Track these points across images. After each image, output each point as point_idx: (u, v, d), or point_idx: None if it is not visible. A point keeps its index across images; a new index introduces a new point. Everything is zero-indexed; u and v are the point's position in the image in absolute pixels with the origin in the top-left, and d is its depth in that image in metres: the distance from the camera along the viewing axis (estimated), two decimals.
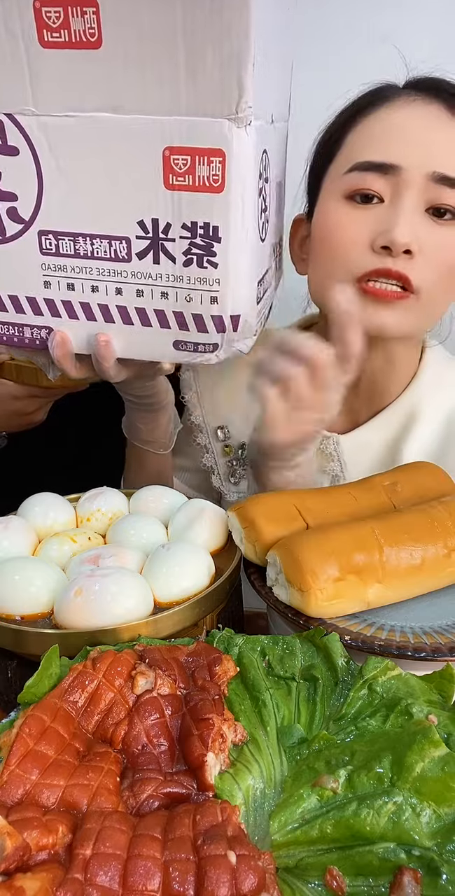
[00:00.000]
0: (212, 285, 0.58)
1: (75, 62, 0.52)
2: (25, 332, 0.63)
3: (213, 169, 0.53)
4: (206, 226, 0.55)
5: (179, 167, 0.54)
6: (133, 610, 0.50)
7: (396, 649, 0.47)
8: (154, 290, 0.59)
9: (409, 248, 0.64)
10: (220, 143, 0.52)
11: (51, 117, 0.55)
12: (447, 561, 0.53)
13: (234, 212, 0.55)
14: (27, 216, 0.59)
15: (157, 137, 0.53)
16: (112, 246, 0.58)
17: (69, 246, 0.59)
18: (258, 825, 0.37)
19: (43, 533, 0.63)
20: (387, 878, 0.32)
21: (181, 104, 0.52)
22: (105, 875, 0.31)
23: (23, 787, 0.35)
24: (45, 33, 0.52)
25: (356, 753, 0.38)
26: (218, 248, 0.56)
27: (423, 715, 0.40)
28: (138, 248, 0.58)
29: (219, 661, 0.45)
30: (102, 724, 0.41)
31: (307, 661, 0.46)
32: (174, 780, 0.38)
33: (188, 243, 0.57)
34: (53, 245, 0.59)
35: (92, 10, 0.50)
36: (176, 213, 0.56)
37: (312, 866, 0.33)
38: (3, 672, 0.52)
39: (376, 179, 0.65)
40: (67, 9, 0.51)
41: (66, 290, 0.60)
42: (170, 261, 0.58)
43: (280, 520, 0.57)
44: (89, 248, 0.58)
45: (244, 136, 0.52)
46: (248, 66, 0.50)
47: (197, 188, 0.54)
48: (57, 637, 0.48)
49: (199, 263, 0.57)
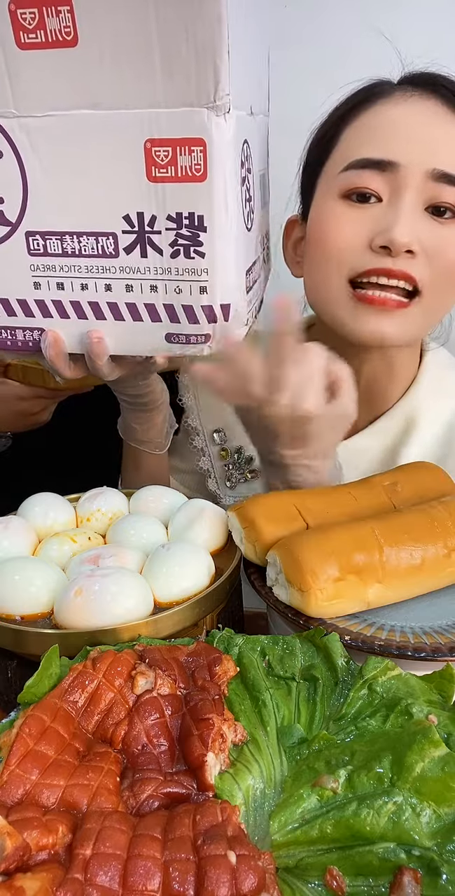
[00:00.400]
0: (200, 275, 0.58)
1: (53, 61, 0.53)
2: (18, 334, 0.63)
3: (195, 158, 0.53)
4: (192, 216, 0.55)
5: (161, 159, 0.54)
6: (133, 610, 0.50)
7: (396, 649, 0.47)
8: (143, 283, 0.59)
9: (410, 247, 0.62)
10: (200, 132, 0.52)
11: (32, 118, 0.55)
12: (447, 561, 0.53)
13: (218, 199, 0.55)
14: (13, 218, 0.59)
15: (137, 131, 0.54)
16: (99, 242, 0.58)
17: (57, 245, 0.59)
18: (258, 825, 0.37)
19: (43, 533, 0.63)
20: (387, 878, 0.32)
21: (159, 96, 0.52)
22: (105, 875, 0.31)
23: (23, 787, 0.35)
24: (22, 35, 0.52)
25: (356, 753, 0.38)
26: (204, 237, 0.56)
27: (423, 715, 0.40)
28: (125, 243, 0.58)
29: (219, 661, 0.45)
30: (102, 724, 0.41)
31: (307, 661, 0.46)
32: (174, 780, 0.38)
33: (174, 234, 0.57)
34: (41, 245, 0.59)
35: (66, 9, 0.50)
36: (160, 204, 0.56)
37: (312, 866, 0.33)
38: (3, 672, 0.52)
39: (374, 177, 0.64)
40: (42, 9, 0.51)
41: (56, 289, 0.60)
42: (157, 253, 0.58)
43: (280, 520, 0.57)
44: (77, 246, 0.59)
45: (223, 124, 0.52)
46: (223, 53, 0.50)
47: (180, 178, 0.54)
48: (57, 637, 0.48)
49: (186, 254, 0.57)
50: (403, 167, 0.63)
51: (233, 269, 0.59)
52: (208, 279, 0.58)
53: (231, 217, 0.57)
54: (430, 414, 0.78)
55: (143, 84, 0.52)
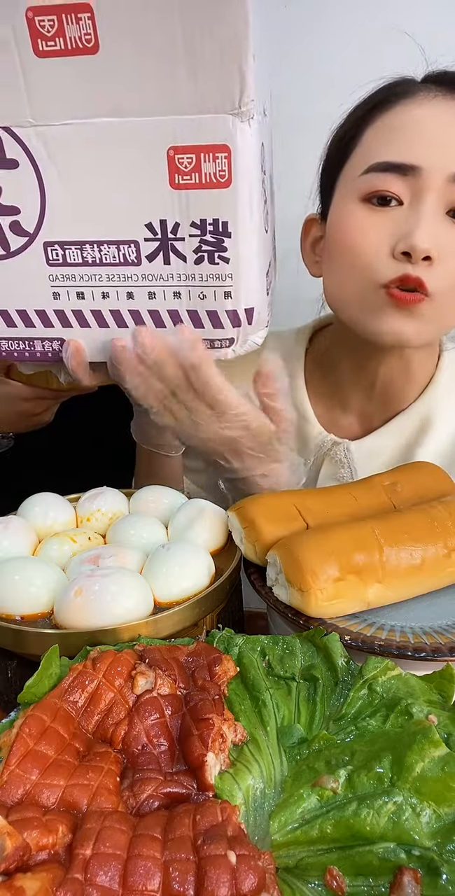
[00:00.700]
0: (224, 280, 0.57)
1: (72, 69, 0.51)
2: (37, 345, 0.63)
3: (219, 165, 0.53)
4: (216, 222, 0.55)
5: (185, 166, 0.53)
6: (133, 610, 0.50)
7: (396, 649, 0.47)
8: (166, 290, 0.59)
9: (429, 254, 0.62)
10: (226, 139, 0.52)
11: (49, 126, 0.54)
12: (447, 561, 0.53)
13: (243, 205, 0.55)
14: (31, 229, 0.58)
15: (160, 138, 0.53)
16: (120, 250, 0.58)
17: (76, 255, 0.58)
18: (258, 825, 0.37)
19: (43, 533, 0.63)
20: (387, 878, 0.32)
21: (183, 102, 0.51)
22: (105, 875, 0.31)
23: (23, 787, 0.35)
24: (40, 42, 0.51)
25: (356, 753, 0.38)
26: (228, 242, 0.56)
27: (423, 715, 0.40)
28: (148, 251, 0.57)
29: (219, 661, 0.45)
30: (102, 724, 0.41)
31: (307, 661, 0.46)
32: (174, 780, 0.38)
33: (198, 241, 0.56)
34: (60, 255, 0.58)
35: (87, 16, 0.49)
36: (183, 211, 0.55)
37: (312, 866, 0.33)
38: (3, 672, 0.52)
39: (395, 181, 0.63)
40: (62, 16, 0.50)
41: (75, 299, 0.60)
42: (180, 260, 0.57)
43: (280, 520, 0.57)
44: (97, 255, 0.58)
45: (247, 130, 0.52)
46: (249, 57, 0.49)
47: (204, 185, 0.54)
48: (57, 637, 0.48)
49: (210, 260, 0.57)
50: (425, 171, 0.62)
51: (256, 272, 0.59)
52: (233, 284, 0.58)
53: (254, 222, 0.56)
54: (446, 413, 0.77)
55: (166, 91, 0.51)
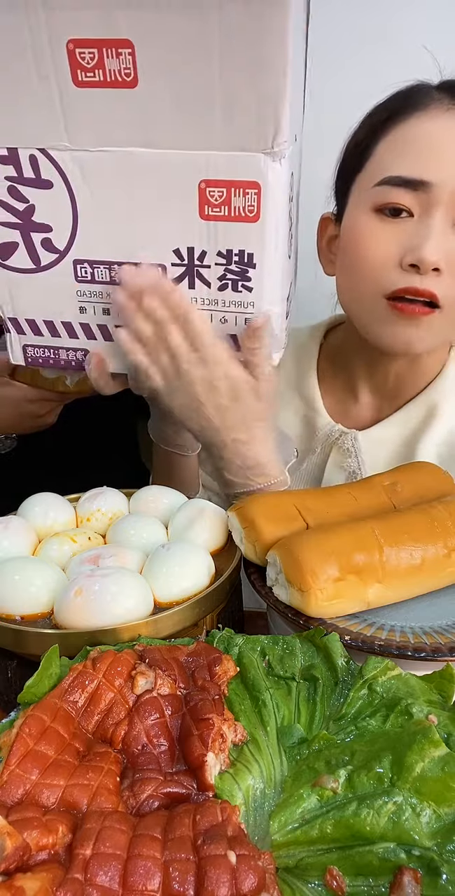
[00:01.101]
0: (246, 308, 0.60)
1: (110, 100, 0.53)
2: (61, 354, 0.66)
3: (249, 200, 0.55)
4: (242, 253, 0.57)
5: (215, 199, 0.56)
6: (133, 610, 0.50)
7: (396, 649, 0.47)
8: None
9: (438, 265, 0.64)
10: (256, 177, 0.54)
11: (85, 152, 0.56)
12: (447, 561, 0.53)
13: (269, 239, 0.57)
14: (62, 246, 0.60)
15: (192, 171, 0.55)
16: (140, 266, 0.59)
17: (104, 273, 0.60)
18: (258, 825, 0.37)
19: (43, 533, 0.63)
20: (387, 878, 0.32)
21: (217, 139, 0.53)
22: (105, 875, 0.31)
23: (23, 787, 0.35)
24: (79, 73, 0.53)
25: (356, 753, 0.38)
26: (252, 273, 0.58)
27: (423, 715, 0.40)
28: (174, 275, 0.60)
29: (219, 661, 0.45)
30: (102, 724, 0.41)
31: (307, 661, 0.46)
32: (174, 780, 0.38)
33: (223, 269, 0.59)
34: (89, 273, 0.61)
35: (128, 52, 0.51)
36: (211, 241, 0.57)
37: (312, 866, 0.33)
38: (3, 672, 0.52)
39: (406, 195, 0.65)
40: (102, 50, 0.51)
41: (101, 314, 0.62)
42: (205, 286, 0.60)
43: (280, 520, 0.57)
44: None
45: (279, 169, 0.54)
46: (285, 103, 0.51)
47: (232, 218, 0.56)
48: (57, 637, 0.48)
49: (233, 288, 0.59)
50: (435, 186, 0.64)
51: (277, 300, 0.61)
52: (254, 311, 0.60)
53: (279, 253, 0.59)
54: (451, 404, 0.79)
55: (201, 127, 0.53)
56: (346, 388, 0.84)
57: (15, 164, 0.58)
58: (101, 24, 0.51)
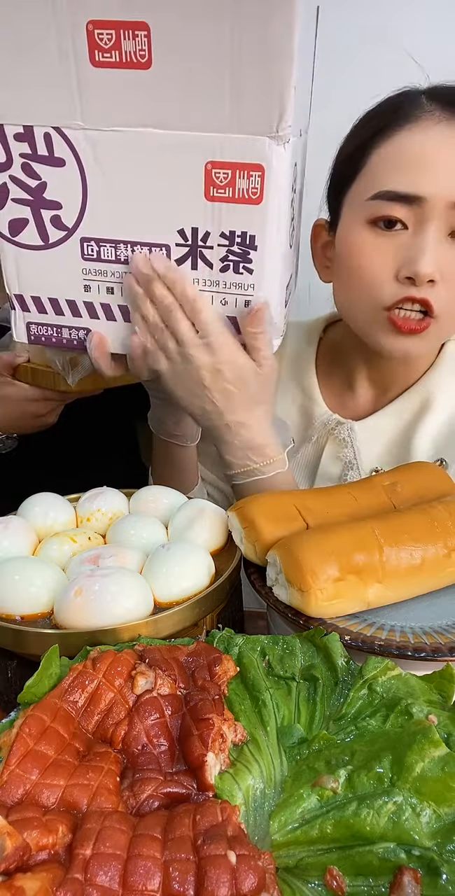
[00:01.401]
0: (246, 290, 0.61)
1: (124, 81, 0.55)
2: (64, 332, 0.67)
3: (253, 182, 0.56)
4: (244, 235, 0.59)
5: (220, 180, 0.57)
6: (133, 610, 0.50)
7: (396, 649, 0.47)
8: None
9: (433, 277, 0.65)
10: (261, 159, 0.55)
11: (98, 131, 0.57)
12: (447, 561, 0.53)
13: (271, 222, 0.58)
14: (70, 224, 0.62)
15: (199, 152, 0.56)
16: (152, 252, 0.61)
17: (110, 252, 0.62)
18: (258, 825, 0.37)
19: (43, 533, 0.63)
20: (387, 878, 0.32)
21: (224, 122, 0.55)
22: (105, 875, 0.31)
23: (23, 787, 0.35)
24: (97, 53, 0.54)
25: (356, 753, 0.38)
26: (254, 255, 0.60)
27: (423, 715, 0.40)
28: (177, 255, 0.61)
29: (219, 661, 0.45)
30: (102, 724, 0.41)
31: (307, 661, 0.46)
32: (174, 780, 0.38)
33: (226, 251, 0.60)
34: (95, 251, 0.62)
35: (143, 34, 0.53)
36: (215, 222, 0.59)
37: (312, 866, 0.33)
38: (3, 672, 0.52)
39: (400, 208, 0.66)
40: (120, 31, 0.53)
41: (105, 293, 0.64)
42: (207, 266, 0.61)
43: (280, 520, 0.57)
44: (130, 255, 0.61)
45: (282, 153, 0.55)
46: (290, 88, 0.53)
47: (236, 200, 0.57)
48: (57, 637, 0.48)
49: (235, 269, 0.60)
50: (429, 200, 0.64)
51: (276, 285, 0.62)
52: (253, 294, 0.61)
53: (280, 238, 0.60)
54: (446, 395, 0.81)
55: (210, 109, 0.54)
56: (344, 381, 0.85)
57: (30, 142, 0.59)
58: (120, 5, 0.52)
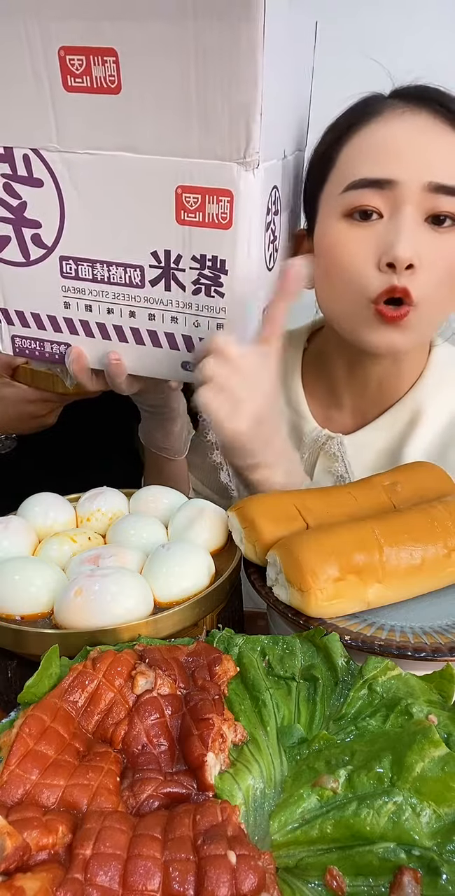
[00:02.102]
0: (218, 313, 0.62)
1: (96, 105, 0.56)
2: (46, 346, 0.69)
3: (222, 207, 0.57)
4: (215, 258, 0.59)
5: (190, 204, 0.58)
6: (133, 610, 0.50)
7: (396, 649, 0.47)
8: (165, 314, 0.63)
9: (412, 262, 0.64)
10: (229, 185, 0.56)
11: (73, 154, 0.59)
12: (447, 561, 0.53)
13: (241, 247, 0.59)
14: (50, 242, 0.63)
15: (170, 176, 0.57)
16: (127, 273, 0.62)
17: (88, 271, 0.63)
18: (258, 825, 0.37)
19: (43, 533, 0.63)
20: (387, 878, 0.32)
21: (193, 147, 0.56)
22: (105, 875, 0.31)
23: (23, 787, 0.35)
24: (69, 78, 0.56)
25: (356, 753, 0.38)
26: (224, 279, 0.60)
27: (423, 715, 0.40)
28: (151, 276, 0.62)
29: (219, 661, 0.45)
30: (102, 724, 0.41)
31: (307, 661, 0.46)
32: (174, 780, 0.38)
33: (197, 273, 0.61)
34: (73, 270, 0.64)
35: (112, 60, 0.54)
36: (187, 245, 0.60)
37: (312, 866, 0.33)
38: (3, 672, 0.52)
39: (374, 195, 0.66)
40: (89, 57, 0.55)
41: (84, 310, 0.65)
42: (180, 288, 0.62)
43: (280, 520, 0.57)
44: (106, 274, 0.63)
45: (251, 179, 0.56)
46: (256, 116, 0.53)
47: (206, 224, 0.58)
48: (57, 637, 0.48)
49: (206, 292, 0.61)
50: (401, 184, 0.65)
51: (250, 309, 0.62)
52: (225, 318, 0.62)
53: (252, 262, 0.60)
54: (435, 407, 0.80)
55: (179, 135, 0.55)
56: (329, 393, 0.84)
57: (10, 163, 0.61)
58: (89, 32, 0.54)
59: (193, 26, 0.51)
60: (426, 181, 0.64)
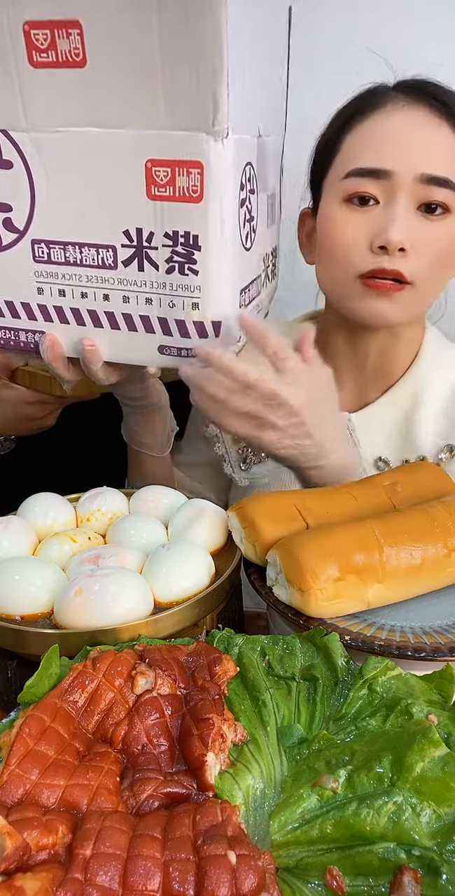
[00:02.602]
0: (193, 292, 0.60)
1: (63, 80, 0.55)
2: (21, 336, 0.67)
3: (192, 180, 0.56)
4: (187, 234, 0.58)
5: (161, 178, 0.56)
6: (133, 610, 0.50)
7: (396, 649, 0.47)
8: (139, 296, 0.61)
9: (403, 245, 0.70)
10: (198, 156, 0.55)
11: (41, 133, 0.58)
12: (447, 561, 0.53)
13: (213, 221, 0.57)
14: (21, 226, 0.61)
15: (139, 151, 0.56)
16: (99, 254, 0.61)
17: (60, 254, 0.62)
18: (258, 825, 0.37)
19: (43, 533, 0.63)
20: (387, 878, 0.32)
21: (160, 119, 0.54)
22: (105, 875, 0.31)
23: (23, 787, 0.35)
24: (35, 54, 0.55)
25: (356, 753, 0.38)
26: (198, 255, 0.58)
27: (423, 715, 0.40)
28: (124, 256, 0.60)
29: (219, 661, 0.45)
30: (102, 724, 0.41)
31: (307, 661, 0.46)
32: (174, 780, 0.38)
33: (170, 251, 0.59)
34: (45, 253, 0.62)
35: (76, 32, 0.53)
36: (158, 222, 0.58)
37: (312, 866, 0.33)
38: (3, 672, 0.52)
39: (371, 184, 0.71)
40: (54, 31, 0.53)
41: (57, 296, 0.63)
42: (153, 268, 0.60)
43: (280, 520, 0.57)
44: (78, 256, 0.61)
45: (221, 149, 0.55)
46: (223, 82, 0.52)
47: (177, 198, 0.57)
48: (57, 637, 0.48)
49: (180, 271, 0.59)
50: (396, 174, 0.70)
51: (226, 287, 0.61)
52: (200, 296, 0.60)
53: (226, 238, 0.59)
54: (433, 389, 0.83)
55: (146, 107, 0.54)
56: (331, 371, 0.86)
57: None
58: (53, 5, 0.53)
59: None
60: (419, 172, 0.69)
